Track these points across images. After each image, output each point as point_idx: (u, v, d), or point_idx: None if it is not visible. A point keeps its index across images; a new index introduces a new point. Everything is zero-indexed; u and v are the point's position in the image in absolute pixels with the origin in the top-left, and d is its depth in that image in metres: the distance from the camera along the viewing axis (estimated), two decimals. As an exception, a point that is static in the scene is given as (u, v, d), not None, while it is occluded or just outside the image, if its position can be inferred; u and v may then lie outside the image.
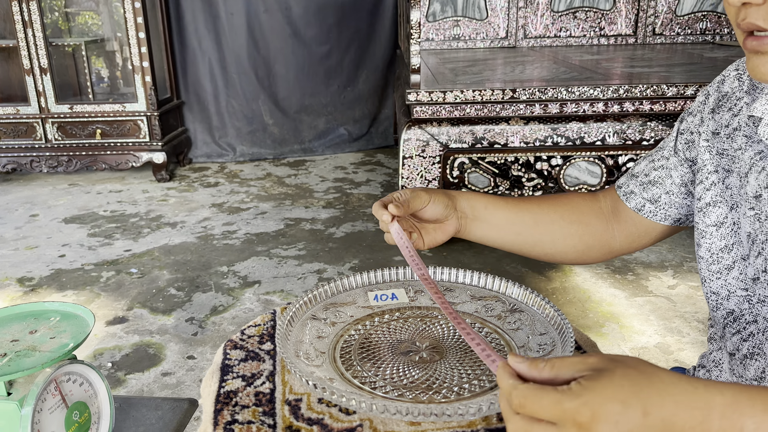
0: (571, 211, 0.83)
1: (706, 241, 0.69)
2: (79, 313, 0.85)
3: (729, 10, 0.59)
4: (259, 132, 4.13)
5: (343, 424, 0.53)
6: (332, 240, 2.65)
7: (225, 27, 3.88)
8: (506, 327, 0.65)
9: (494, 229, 0.81)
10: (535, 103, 2.31)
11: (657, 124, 2.32)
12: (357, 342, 0.65)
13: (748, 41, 0.57)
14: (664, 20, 3.83)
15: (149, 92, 3.45)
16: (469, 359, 0.60)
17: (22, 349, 0.77)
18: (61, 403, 0.79)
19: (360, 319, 0.70)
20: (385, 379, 0.58)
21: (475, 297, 0.71)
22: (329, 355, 0.63)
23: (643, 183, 0.80)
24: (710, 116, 0.71)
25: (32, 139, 3.52)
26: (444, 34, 3.81)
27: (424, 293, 0.73)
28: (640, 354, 1.75)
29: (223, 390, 0.64)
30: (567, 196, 0.85)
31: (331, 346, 0.65)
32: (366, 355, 0.63)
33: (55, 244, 2.68)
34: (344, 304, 0.73)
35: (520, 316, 0.65)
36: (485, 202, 0.82)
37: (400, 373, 0.59)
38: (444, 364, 0.59)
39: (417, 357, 0.61)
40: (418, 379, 0.57)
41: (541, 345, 0.59)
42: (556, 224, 0.82)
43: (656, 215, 0.79)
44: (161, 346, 1.85)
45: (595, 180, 2.38)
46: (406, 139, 2.38)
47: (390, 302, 0.72)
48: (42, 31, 3.37)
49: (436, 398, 0.54)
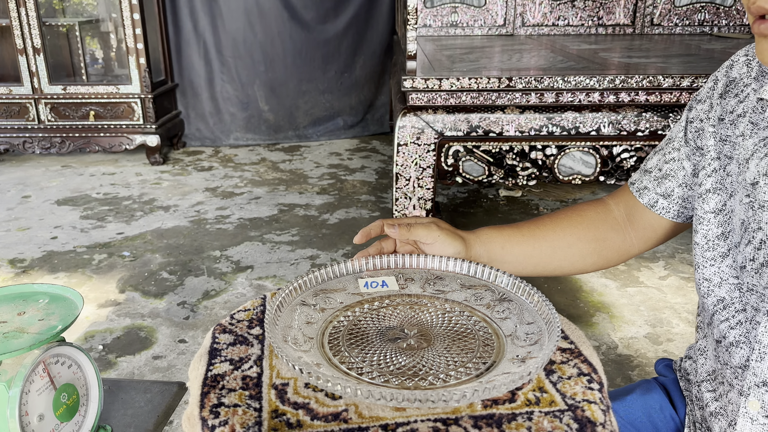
0: (587, 229, 0.81)
1: (703, 227, 0.69)
2: (68, 295, 0.85)
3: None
4: (255, 118, 4.10)
5: (328, 409, 0.53)
6: (326, 226, 2.65)
7: (221, 9, 3.84)
8: (494, 316, 0.65)
9: (511, 266, 0.79)
10: (531, 92, 2.30)
11: (652, 114, 2.32)
12: (346, 328, 0.65)
13: (756, 25, 0.57)
14: (663, 11, 3.82)
15: (143, 74, 3.43)
16: (457, 347, 0.60)
17: (9, 331, 0.77)
18: (49, 385, 0.79)
19: (350, 305, 0.70)
20: (372, 365, 0.58)
21: (465, 286, 0.71)
22: (317, 341, 0.63)
23: (656, 178, 0.79)
24: (718, 101, 0.70)
25: (25, 120, 3.50)
26: (441, 20, 3.79)
27: (415, 281, 0.73)
28: (629, 344, 1.76)
29: (211, 373, 0.64)
30: (580, 213, 0.83)
31: (320, 331, 0.65)
32: (354, 341, 0.63)
33: (47, 225, 2.67)
34: (334, 291, 0.73)
35: (509, 305, 0.65)
36: (501, 242, 0.78)
37: (387, 359, 0.59)
38: (431, 351, 0.60)
39: (405, 344, 0.61)
40: (405, 365, 0.57)
41: (528, 334, 0.60)
42: (574, 247, 0.81)
43: (669, 212, 0.78)
44: (153, 330, 1.85)
45: (590, 170, 2.38)
46: (401, 126, 2.37)
47: (380, 289, 0.72)
48: (35, 11, 3.33)
49: (422, 384, 0.54)
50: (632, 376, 1.61)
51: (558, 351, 0.59)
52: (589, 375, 0.55)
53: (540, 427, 0.49)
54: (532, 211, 2.83)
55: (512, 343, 0.59)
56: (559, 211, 0.84)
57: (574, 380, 0.55)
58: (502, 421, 0.50)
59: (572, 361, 0.58)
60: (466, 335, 0.62)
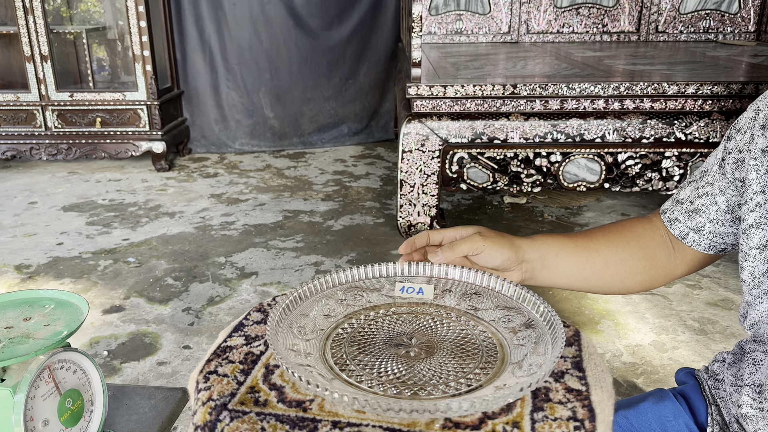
0: (638, 247, 0.80)
1: (749, 264, 0.67)
2: (74, 301, 0.86)
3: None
4: (260, 125, 4.12)
5: (297, 396, 0.54)
6: (330, 232, 2.65)
7: (227, 17, 3.87)
8: (513, 342, 0.63)
9: (563, 277, 0.78)
10: (536, 99, 2.31)
11: (657, 122, 2.32)
12: (359, 325, 0.65)
13: None
14: (668, 18, 3.82)
15: (150, 81, 3.45)
16: (455, 363, 0.59)
17: (16, 336, 0.78)
18: (54, 390, 0.80)
19: (375, 306, 0.69)
20: (361, 366, 0.57)
21: (500, 306, 0.68)
22: (324, 334, 0.63)
23: (688, 211, 0.77)
24: (760, 132, 0.68)
25: (32, 127, 3.52)
26: (446, 28, 3.80)
27: (452, 293, 0.70)
28: (634, 352, 1.76)
29: (225, 344, 0.66)
30: (631, 230, 0.82)
31: (332, 325, 0.65)
32: (357, 339, 0.63)
33: (53, 231, 2.68)
34: (369, 290, 0.72)
35: (531, 332, 0.63)
36: (556, 249, 0.77)
37: (380, 363, 0.58)
38: (426, 363, 0.58)
39: (404, 351, 0.61)
40: (395, 372, 0.57)
41: (531, 365, 0.58)
42: (626, 264, 0.79)
43: (700, 245, 0.77)
44: (157, 336, 1.86)
45: (594, 177, 2.38)
46: (406, 133, 2.37)
47: (414, 296, 0.70)
48: (43, 18, 3.36)
49: (405, 393, 0.53)
50: (637, 384, 1.60)
51: (564, 389, 0.54)
52: (581, 423, 0.49)
53: None
54: (536, 218, 2.82)
55: (511, 373, 0.57)
56: (610, 225, 0.83)
57: (559, 424, 0.49)
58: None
59: (572, 402, 0.52)
60: (471, 353, 0.60)
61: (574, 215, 2.86)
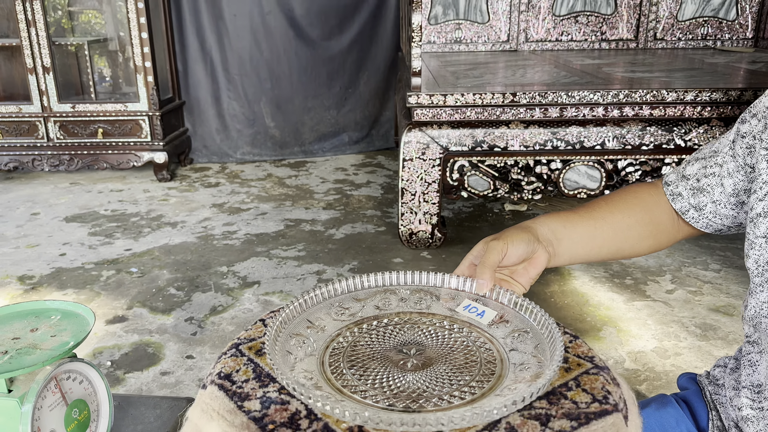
0: (644, 212, 0.82)
1: (755, 252, 0.68)
2: (80, 311, 0.86)
3: None
4: (261, 134, 4.14)
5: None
6: (332, 241, 2.66)
7: (228, 28, 3.89)
8: (507, 345, 0.63)
9: (578, 246, 0.78)
10: (535, 107, 2.32)
11: (657, 128, 2.33)
12: (373, 327, 0.65)
13: None
14: (666, 25, 3.84)
15: (151, 92, 3.47)
16: (453, 376, 0.59)
17: (23, 347, 0.78)
18: (60, 401, 0.80)
19: (407, 312, 0.69)
20: (354, 375, 0.58)
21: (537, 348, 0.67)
22: (329, 334, 0.64)
23: (693, 188, 0.78)
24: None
25: (34, 138, 3.54)
26: (446, 37, 3.82)
27: (509, 324, 0.65)
28: (636, 358, 1.76)
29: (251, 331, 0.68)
30: (636, 195, 0.83)
31: (347, 323, 0.66)
32: (363, 342, 0.63)
33: (55, 242, 2.69)
34: (428, 292, 0.71)
35: (528, 337, 0.63)
36: (562, 221, 0.78)
37: (376, 374, 0.59)
38: (420, 375, 0.59)
39: (401, 362, 0.61)
40: (394, 382, 0.57)
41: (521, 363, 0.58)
42: (633, 230, 0.81)
43: (698, 223, 0.79)
44: (160, 346, 1.86)
45: (595, 184, 2.39)
46: (407, 142, 2.39)
47: (473, 317, 0.66)
48: (45, 30, 3.38)
49: (396, 405, 0.53)
50: (641, 390, 1.60)
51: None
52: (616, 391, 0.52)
53: None
54: (537, 225, 2.83)
55: (512, 381, 0.57)
56: (613, 193, 0.84)
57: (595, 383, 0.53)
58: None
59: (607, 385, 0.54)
60: (469, 365, 0.59)
61: (575, 222, 2.87)
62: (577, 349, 0.61)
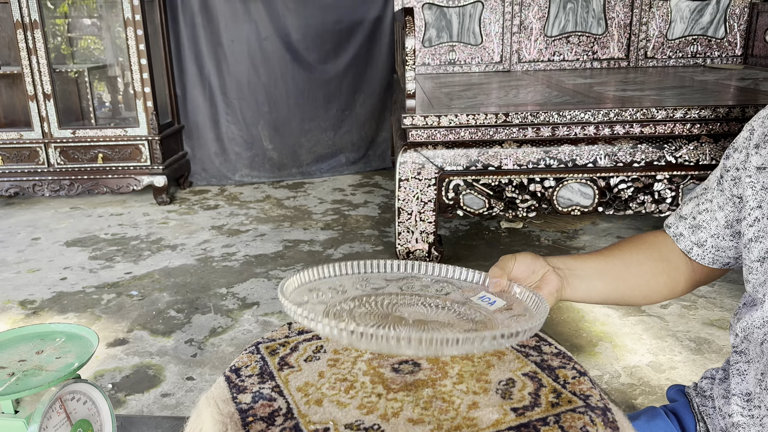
0: (652, 249, 0.84)
1: (753, 276, 0.70)
2: (84, 333, 0.89)
3: None
4: (259, 157, 4.19)
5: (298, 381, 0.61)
6: (330, 261, 2.68)
7: (226, 54, 3.96)
8: (503, 322, 0.67)
9: (593, 281, 0.81)
10: (528, 126, 2.37)
11: (647, 146, 2.37)
12: (387, 300, 0.71)
13: None
14: (656, 44, 3.91)
15: (150, 117, 3.52)
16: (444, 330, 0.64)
17: (29, 369, 0.81)
18: (65, 421, 0.82)
19: (423, 295, 0.74)
20: (352, 319, 0.63)
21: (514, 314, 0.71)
22: (346, 297, 0.70)
23: (691, 226, 0.81)
24: (755, 151, 0.72)
25: (35, 164, 3.58)
26: (440, 58, 3.89)
27: (512, 310, 0.71)
28: (632, 373, 1.78)
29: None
30: (642, 237, 0.86)
31: (366, 292, 0.72)
32: (372, 307, 0.68)
33: (56, 267, 2.71)
34: (449, 283, 0.77)
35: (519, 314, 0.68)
36: (572, 257, 0.82)
37: (372, 323, 0.63)
38: (417, 327, 0.63)
39: (403, 322, 0.65)
40: (386, 329, 0.62)
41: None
42: (645, 265, 0.83)
43: (704, 259, 0.81)
44: (161, 368, 1.88)
45: (588, 201, 2.43)
46: (402, 162, 2.43)
47: (483, 304, 0.72)
48: (46, 58, 3.44)
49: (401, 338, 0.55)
50: (636, 405, 1.62)
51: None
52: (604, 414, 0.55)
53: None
54: (533, 242, 2.86)
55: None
56: (620, 240, 0.87)
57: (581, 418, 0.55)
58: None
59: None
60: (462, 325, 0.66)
61: (570, 239, 2.90)
62: (577, 386, 0.62)
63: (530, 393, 0.63)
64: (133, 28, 3.42)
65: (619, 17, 3.84)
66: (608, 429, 0.57)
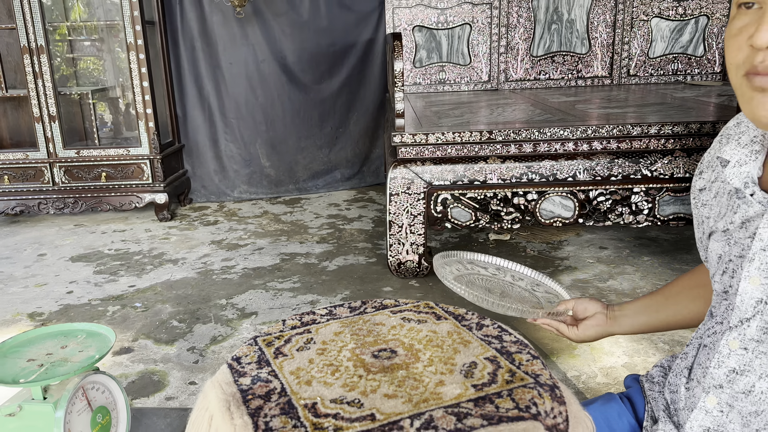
0: (691, 278, 1.02)
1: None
2: (102, 331, 1.01)
3: (741, 52, 0.65)
4: (257, 174, 4.32)
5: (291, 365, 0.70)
6: (325, 273, 2.80)
7: (225, 75, 4.12)
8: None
9: (638, 317, 1.02)
10: (511, 143, 2.50)
11: (624, 160, 2.51)
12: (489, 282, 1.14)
13: (758, 79, 0.63)
14: (638, 62, 4.07)
15: (152, 137, 3.65)
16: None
17: (55, 361, 0.93)
18: (87, 407, 0.94)
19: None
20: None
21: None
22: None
23: (702, 248, 0.96)
24: (699, 176, 0.88)
25: (40, 183, 3.71)
26: (430, 78, 4.04)
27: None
28: (608, 373, 1.89)
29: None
30: (692, 270, 1.04)
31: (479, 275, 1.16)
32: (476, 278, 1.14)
33: (62, 281, 2.83)
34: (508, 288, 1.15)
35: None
36: (630, 301, 1.05)
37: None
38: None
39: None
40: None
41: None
42: (682, 294, 1.01)
43: None
44: (165, 374, 1.99)
45: (569, 213, 2.55)
46: (393, 178, 2.56)
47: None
48: (51, 81, 3.58)
49: None
50: (609, 402, 1.73)
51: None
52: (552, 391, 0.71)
53: None
54: (519, 253, 2.98)
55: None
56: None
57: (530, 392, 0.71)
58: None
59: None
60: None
61: (555, 249, 3.02)
62: (529, 367, 0.73)
63: (489, 373, 0.75)
64: (136, 52, 3.56)
65: (602, 37, 4.00)
66: (555, 402, 0.69)
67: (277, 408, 0.66)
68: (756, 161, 0.77)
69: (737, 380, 0.76)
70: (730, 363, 0.77)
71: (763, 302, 0.73)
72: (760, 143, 0.77)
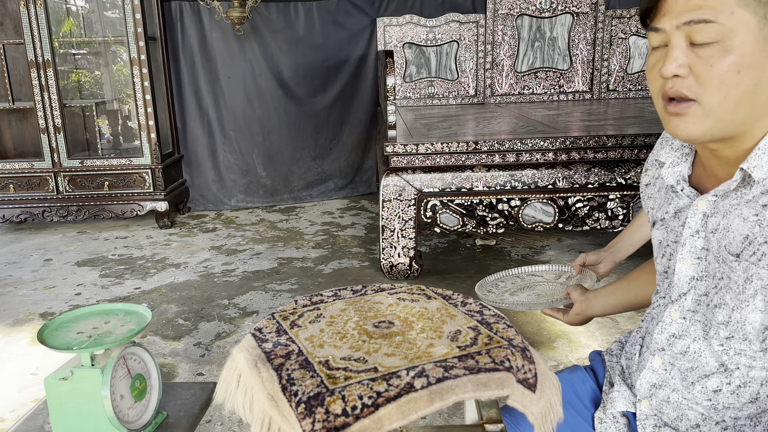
0: (648, 266, 1.17)
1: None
2: (139, 310, 1.17)
3: (657, 81, 0.79)
4: (254, 184, 4.49)
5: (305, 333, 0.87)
6: (321, 275, 2.96)
7: (223, 89, 4.29)
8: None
9: (606, 299, 1.20)
10: (495, 153, 2.69)
11: (600, 169, 2.70)
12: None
13: (671, 106, 0.78)
14: (617, 78, 4.29)
15: (154, 148, 3.81)
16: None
17: (102, 333, 1.09)
18: (127, 374, 1.10)
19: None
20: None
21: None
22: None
23: None
24: (644, 174, 1.05)
25: (45, 191, 3.84)
26: (420, 92, 4.24)
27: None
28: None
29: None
30: (644, 263, 1.21)
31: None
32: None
33: (70, 284, 2.97)
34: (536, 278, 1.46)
35: None
36: (602, 287, 1.23)
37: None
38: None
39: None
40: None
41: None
42: (642, 279, 1.17)
43: None
44: (174, 366, 2.14)
45: (549, 218, 2.74)
46: (385, 185, 2.73)
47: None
48: (57, 94, 3.74)
49: None
50: (583, 387, 1.90)
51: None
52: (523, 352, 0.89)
53: None
54: (504, 257, 3.16)
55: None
56: None
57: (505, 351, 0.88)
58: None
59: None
60: None
61: (538, 254, 3.20)
62: (504, 333, 0.90)
63: (471, 338, 0.92)
64: (138, 66, 3.73)
65: (582, 54, 4.22)
66: (525, 361, 0.87)
67: (296, 364, 0.83)
68: (686, 162, 0.95)
69: (676, 343, 0.94)
70: (671, 329, 0.94)
71: (695, 279, 0.91)
72: (688, 147, 0.95)
